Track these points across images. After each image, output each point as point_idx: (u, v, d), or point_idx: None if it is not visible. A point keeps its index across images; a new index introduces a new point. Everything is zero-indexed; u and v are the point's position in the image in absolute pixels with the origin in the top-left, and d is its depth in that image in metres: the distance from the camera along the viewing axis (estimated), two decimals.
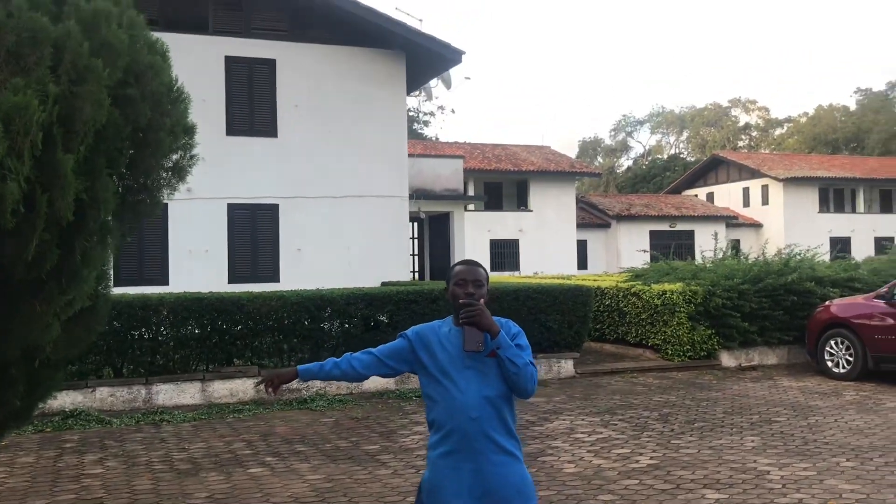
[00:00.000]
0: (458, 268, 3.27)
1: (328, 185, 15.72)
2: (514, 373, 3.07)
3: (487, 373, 3.11)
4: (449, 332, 3.22)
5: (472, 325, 3.06)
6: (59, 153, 3.10)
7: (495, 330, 3.07)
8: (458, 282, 3.21)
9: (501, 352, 3.06)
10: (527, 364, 3.09)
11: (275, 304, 10.41)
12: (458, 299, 3.16)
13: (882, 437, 7.75)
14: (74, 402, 9.50)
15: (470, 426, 3.07)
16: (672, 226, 40.27)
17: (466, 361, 3.13)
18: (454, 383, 3.12)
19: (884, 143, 64.22)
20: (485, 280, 3.25)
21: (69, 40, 3.16)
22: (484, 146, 39.60)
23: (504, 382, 3.12)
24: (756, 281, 13.04)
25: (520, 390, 3.12)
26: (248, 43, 15.35)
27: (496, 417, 3.12)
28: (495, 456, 3.09)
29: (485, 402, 3.09)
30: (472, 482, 3.06)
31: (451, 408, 3.11)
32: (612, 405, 9.68)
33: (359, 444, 7.76)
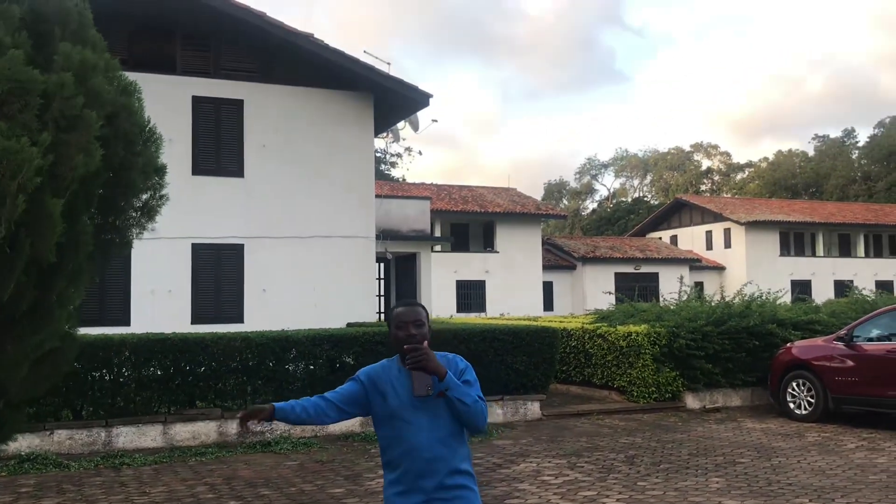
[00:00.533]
0: (398, 310, 3.32)
1: (295, 225, 15.70)
2: (465, 411, 3.15)
3: (438, 413, 3.18)
4: (399, 374, 3.27)
5: (420, 370, 3.13)
6: (47, 197, 3.11)
7: (442, 372, 3.14)
8: (398, 324, 3.26)
9: (450, 393, 3.13)
10: (476, 401, 3.17)
11: (239, 345, 10.31)
12: (401, 343, 3.22)
13: (843, 478, 7.84)
14: (31, 446, 9.28)
15: (424, 466, 3.14)
16: (637, 268, 40.70)
17: (417, 403, 3.19)
18: (407, 425, 3.18)
19: (841, 189, 65.83)
20: (425, 319, 3.30)
21: (61, 90, 3.19)
22: (451, 187, 39.87)
23: (455, 420, 3.19)
24: (719, 323, 13.21)
25: (471, 427, 3.22)
26: (215, 83, 15.39)
27: (450, 455, 3.18)
28: (450, 493, 3.16)
29: (438, 441, 3.17)
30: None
31: (405, 448, 3.17)
32: (579, 447, 9.68)
33: (324, 488, 7.67)
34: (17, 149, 2.95)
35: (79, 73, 3.34)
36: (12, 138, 2.97)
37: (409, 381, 3.20)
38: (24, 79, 3.11)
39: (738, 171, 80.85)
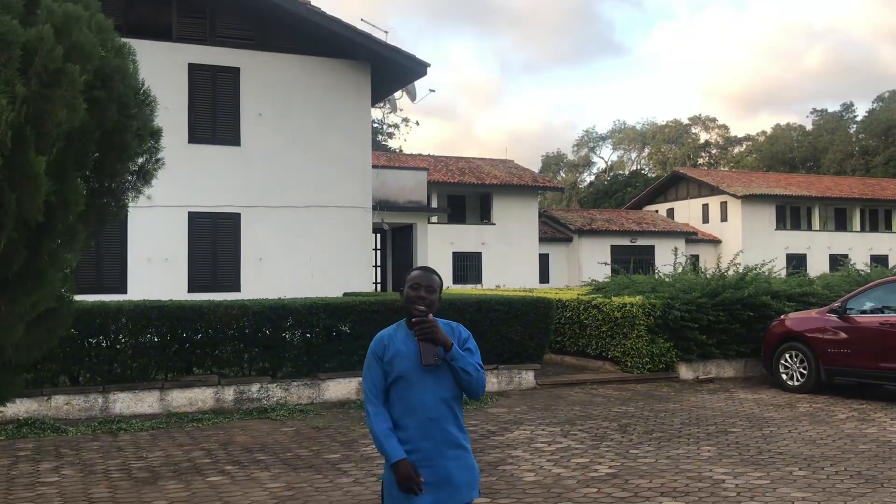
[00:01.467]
0: (414, 272, 3.56)
1: (291, 194, 15.68)
2: (467, 380, 3.41)
3: (442, 377, 3.42)
4: (406, 337, 3.48)
5: (428, 341, 3.36)
6: (31, 154, 3.10)
7: (449, 343, 3.38)
8: (413, 285, 3.48)
9: (455, 363, 3.38)
10: (477, 370, 3.43)
11: (236, 313, 10.35)
12: (412, 303, 3.44)
13: (833, 448, 7.93)
14: (29, 411, 9.35)
15: (428, 425, 3.40)
16: (633, 241, 40.75)
17: (423, 367, 3.41)
18: (413, 386, 3.40)
19: (838, 163, 65.78)
20: (438, 287, 3.52)
21: (41, 43, 3.17)
22: (448, 159, 39.78)
23: (456, 385, 3.46)
24: (714, 295, 13.26)
25: (471, 393, 3.47)
26: (211, 51, 15.29)
27: (450, 416, 3.45)
28: (450, 451, 3.42)
29: (441, 403, 3.42)
30: (429, 474, 3.36)
31: (410, 408, 3.40)
32: (572, 416, 9.77)
33: (319, 453, 7.75)
34: None
35: (62, 26, 3.31)
36: None
37: (415, 344, 3.41)
38: (3, 30, 3.09)
39: (736, 145, 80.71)
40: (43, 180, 3.12)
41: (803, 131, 75.06)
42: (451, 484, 3.39)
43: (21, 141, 3.11)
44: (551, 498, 6.15)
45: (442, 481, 3.37)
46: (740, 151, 79.51)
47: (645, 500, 6.09)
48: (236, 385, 10.33)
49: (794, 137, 74.27)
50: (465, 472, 3.43)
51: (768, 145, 74.42)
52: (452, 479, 3.39)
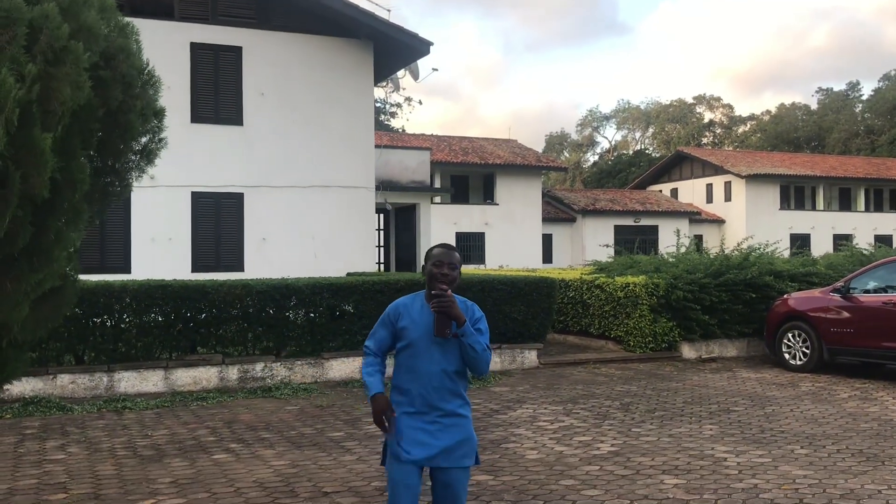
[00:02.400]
0: (436, 250, 3.74)
1: (294, 174, 15.68)
2: (474, 357, 3.60)
3: (450, 350, 3.64)
4: (422, 309, 3.69)
5: (443, 315, 3.54)
6: (36, 131, 3.11)
7: (462, 320, 3.56)
8: (436, 262, 3.68)
9: (465, 339, 3.57)
10: (485, 349, 3.63)
11: (239, 293, 10.38)
12: (434, 279, 3.63)
13: (835, 426, 7.97)
14: (35, 389, 9.41)
15: (431, 393, 3.62)
16: (637, 221, 40.69)
17: (434, 338, 3.63)
18: (422, 355, 3.63)
19: (844, 143, 65.47)
20: (458, 264, 3.72)
21: (47, 21, 3.18)
22: (451, 139, 39.66)
23: (462, 360, 3.65)
24: (717, 275, 13.27)
25: (475, 370, 3.68)
26: (214, 30, 15.23)
27: (453, 387, 3.66)
28: (449, 419, 3.64)
29: (444, 374, 3.63)
30: (427, 438, 3.61)
31: (416, 375, 3.64)
32: (575, 395, 9.81)
33: (323, 431, 7.80)
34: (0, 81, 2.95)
35: (68, 7, 3.34)
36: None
37: (429, 316, 3.62)
38: (8, 7, 3.10)
39: (741, 124, 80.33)
40: (49, 157, 3.13)
41: (808, 110, 74.69)
42: (445, 449, 3.61)
43: (27, 118, 3.12)
44: (553, 475, 6.20)
45: (436, 444, 3.60)
46: (745, 131, 79.17)
47: (647, 477, 6.13)
48: (240, 364, 10.38)
49: (798, 117, 73.92)
50: (459, 439, 3.64)
51: (773, 125, 74.08)
52: (446, 444, 3.61)
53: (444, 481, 3.66)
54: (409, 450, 3.59)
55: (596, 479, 6.08)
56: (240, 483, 6.03)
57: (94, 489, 5.90)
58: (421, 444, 3.59)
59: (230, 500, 5.62)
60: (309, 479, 6.13)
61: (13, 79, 3.04)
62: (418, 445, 3.59)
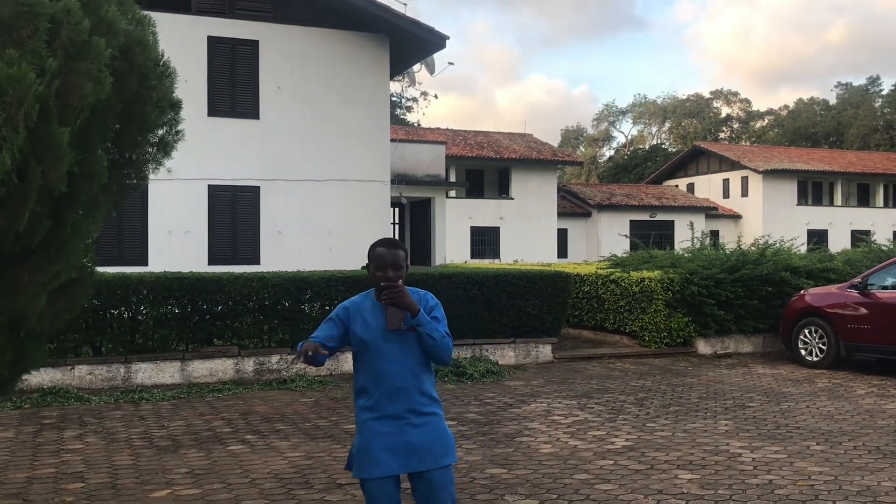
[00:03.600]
0: (379, 250, 3.50)
1: (310, 168, 15.71)
2: (432, 346, 3.43)
3: (408, 345, 3.46)
4: (373, 307, 3.52)
5: (395, 306, 3.38)
6: (54, 126, 3.13)
7: (415, 309, 3.39)
8: (379, 265, 3.47)
9: (421, 328, 3.40)
10: (443, 336, 3.45)
11: (255, 285, 10.43)
12: (379, 281, 3.44)
13: (852, 423, 7.92)
14: (53, 380, 9.50)
15: (393, 393, 3.43)
16: (652, 216, 40.53)
17: (389, 335, 3.45)
18: (378, 354, 3.45)
19: (862, 138, 64.87)
20: (404, 261, 3.50)
21: (68, 16, 3.19)
22: (466, 133, 39.61)
23: (423, 353, 3.48)
24: (732, 270, 13.20)
25: (437, 360, 3.51)
26: (230, 23, 15.27)
27: (416, 384, 3.48)
28: (417, 418, 3.46)
29: (406, 371, 3.45)
30: (396, 442, 3.43)
31: (377, 377, 3.45)
32: (589, 389, 9.80)
33: (338, 423, 7.83)
34: (20, 76, 2.97)
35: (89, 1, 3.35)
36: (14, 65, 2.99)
37: (382, 314, 3.45)
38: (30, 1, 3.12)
39: (758, 119, 79.73)
40: (66, 151, 3.15)
41: (826, 105, 74.03)
42: (417, 450, 3.43)
43: (45, 113, 3.14)
44: (567, 469, 6.20)
45: (408, 448, 3.42)
46: (762, 126, 78.58)
47: (661, 472, 6.11)
48: (256, 356, 10.43)
49: (817, 112, 73.29)
50: (432, 438, 3.47)
51: (791, 120, 73.50)
52: (417, 446, 3.43)
53: (425, 486, 3.47)
54: (381, 461, 3.40)
55: (610, 474, 6.08)
56: (255, 474, 6.07)
57: (111, 479, 5.95)
58: (393, 450, 3.41)
59: (245, 490, 5.66)
60: (324, 471, 6.16)
61: (34, 73, 3.07)
62: (390, 453, 3.41)
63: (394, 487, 3.48)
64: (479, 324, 11.56)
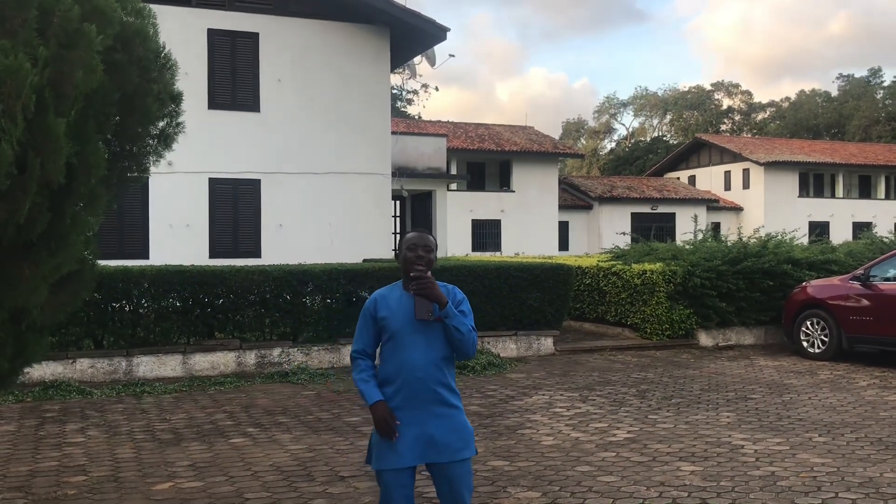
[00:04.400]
0: (410, 234, 3.63)
1: (311, 160, 15.69)
2: (459, 339, 3.48)
3: (434, 337, 3.51)
4: (400, 297, 3.57)
5: (423, 297, 3.44)
6: (50, 116, 3.11)
7: (443, 301, 3.46)
8: (409, 246, 3.57)
9: (448, 320, 3.46)
10: (470, 331, 3.52)
11: (257, 279, 10.42)
12: (409, 263, 3.52)
13: (854, 415, 7.91)
14: (55, 373, 9.50)
15: (416, 383, 3.48)
16: (654, 208, 40.47)
17: (416, 325, 3.50)
18: (405, 344, 3.49)
19: (864, 130, 64.72)
20: (433, 246, 3.62)
21: (58, 4, 3.17)
22: (467, 125, 39.54)
23: (448, 346, 3.53)
24: (734, 262, 13.18)
25: (462, 353, 3.55)
26: (231, 16, 15.23)
27: (439, 376, 3.52)
28: (438, 409, 3.51)
29: (430, 362, 3.50)
30: (418, 433, 3.48)
31: (400, 366, 3.49)
32: (591, 381, 9.79)
33: (340, 416, 7.83)
34: (16, 67, 2.94)
35: None
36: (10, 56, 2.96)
37: (410, 304, 3.50)
38: None
39: (760, 111, 79.55)
40: (63, 142, 3.13)
41: (828, 97, 73.84)
42: (437, 443, 3.48)
43: (41, 103, 3.12)
44: (569, 461, 6.19)
45: (428, 439, 3.47)
46: (764, 118, 78.40)
47: (663, 464, 6.11)
48: (258, 349, 10.43)
49: (818, 103, 73.10)
50: (451, 431, 3.51)
51: (792, 111, 73.33)
52: (438, 439, 3.48)
53: (444, 477, 3.53)
54: (401, 452, 3.45)
55: (612, 466, 6.08)
56: (257, 467, 6.07)
57: (113, 472, 5.95)
58: (413, 441, 3.45)
59: (247, 483, 5.66)
60: (325, 464, 6.16)
61: (29, 64, 3.04)
62: (411, 444, 3.45)
63: (409, 479, 3.52)
64: (480, 316, 11.52)
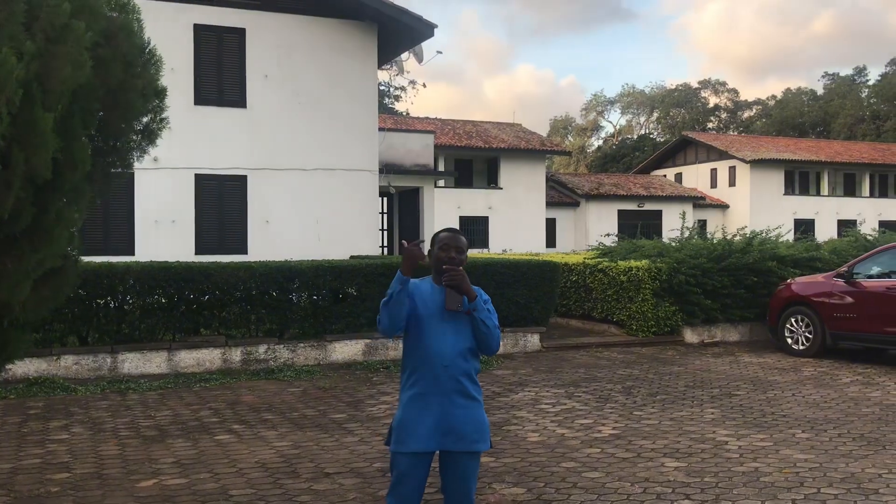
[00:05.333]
0: (443, 234, 3.70)
1: (297, 157, 15.64)
2: (485, 332, 3.58)
3: (461, 329, 3.60)
4: (431, 290, 3.66)
5: (454, 288, 3.53)
6: (38, 111, 3.09)
7: (473, 294, 3.55)
8: (442, 246, 3.65)
9: (477, 314, 3.56)
10: (496, 326, 3.63)
11: (243, 275, 10.39)
12: (441, 263, 3.61)
13: (837, 411, 7.97)
14: (38, 370, 9.45)
15: (442, 373, 3.56)
16: (640, 205, 40.60)
17: (445, 316, 3.59)
18: (432, 334, 3.59)
19: (849, 128, 65.15)
20: (465, 247, 3.70)
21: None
22: (455, 122, 39.53)
23: (473, 339, 3.62)
24: (719, 260, 13.25)
25: (486, 347, 3.64)
26: (217, 11, 15.15)
27: (464, 367, 3.61)
28: (460, 399, 3.59)
29: (456, 353, 3.59)
30: (438, 420, 3.55)
31: (427, 355, 3.58)
32: (577, 378, 9.82)
33: (326, 413, 7.82)
34: (1, 60, 2.92)
35: None
36: None
37: (440, 295, 3.60)
38: None
39: (746, 109, 79.88)
40: (50, 137, 3.12)
41: (814, 95, 74.24)
42: (455, 431, 3.55)
43: (28, 98, 3.10)
44: (555, 458, 6.21)
45: (448, 428, 3.55)
46: (750, 116, 78.74)
47: (648, 460, 6.14)
48: (243, 346, 10.41)
49: (804, 102, 73.48)
50: (471, 422, 3.58)
51: (778, 110, 73.69)
52: (457, 428, 3.55)
53: (453, 466, 3.60)
54: (421, 437, 3.53)
55: (597, 462, 6.10)
56: (242, 464, 6.06)
57: (97, 469, 5.93)
58: (434, 428, 3.53)
59: (232, 480, 5.65)
60: (311, 460, 6.15)
61: (15, 58, 3.02)
62: (431, 431, 3.53)
63: (425, 468, 3.60)
64: None
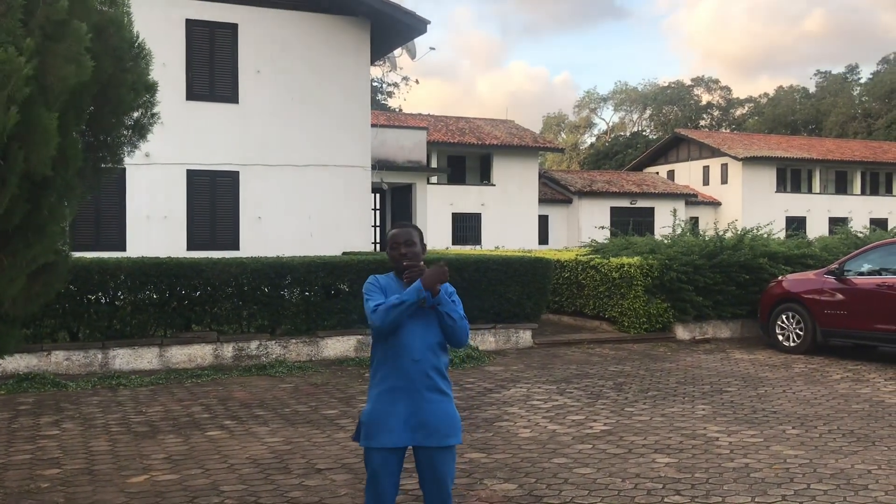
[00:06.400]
0: (392, 231, 3.75)
1: (290, 153, 15.62)
2: (451, 325, 3.59)
3: (430, 323, 3.61)
4: (398, 286, 3.66)
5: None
6: (40, 109, 3.08)
7: (436, 288, 3.52)
8: (392, 245, 3.70)
9: (441, 307, 3.56)
10: (461, 318, 3.62)
11: (234, 271, 10.37)
12: (396, 262, 3.66)
13: (827, 407, 8.01)
14: (29, 366, 9.41)
15: (412, 367, 3.56)
16: (633, 202, 40.65)
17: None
18: (402, 330, 3.56)
19: (841, 126, 65.33)
20: (417, 238, 3.71)
21: None
22: (448, 119, 39.49)
23: (441, 333, 3.63)
24: (711, 256, 13.28)
25: (454, 340, 3.65)
26: (209, 6, 15.11)
27: (434, 362, 3.62)
28: (430, 394, 3.59)
29: (426, 347, 3.59)
30: (408, 415, 3.56)
31: (397, 350, 3.58)
32: (569, 374, 9.84)
33: (318, 409, 7.82)
34: (5, 58, 2.90)
35: None
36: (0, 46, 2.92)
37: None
38: None
39: (738, 107, 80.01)
40: (54, 135, 3.10)
41: (806, 93, 74.43)
42: (427, 426, 3.56)
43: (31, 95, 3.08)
44: (546, 454, 6.22)
45: (418, 423, 3.55)
46: (742, 113, 78.87)
47: (639, 456, 6.15)
48: (235, 342, 10.39)
49: (796, 100, 73.66)
50: (442, 416, 3.59)
51: (770, 107, 73.83)
52: (428, 422, 3.56)
53: (428, 462, 3.60)
54: (393, 431, 3.53)
55: (588, 458, 6.11)
56: (233, 459, 6.05)
57: (88, 464, 5.91)
58: (404, 423, 3.53)
59: (223, 476, 5.64)
60: (302, 456, 6.15)
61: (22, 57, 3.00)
62: (402, 425, 3.53)
63: (398, 464, 3.61)
64: None
